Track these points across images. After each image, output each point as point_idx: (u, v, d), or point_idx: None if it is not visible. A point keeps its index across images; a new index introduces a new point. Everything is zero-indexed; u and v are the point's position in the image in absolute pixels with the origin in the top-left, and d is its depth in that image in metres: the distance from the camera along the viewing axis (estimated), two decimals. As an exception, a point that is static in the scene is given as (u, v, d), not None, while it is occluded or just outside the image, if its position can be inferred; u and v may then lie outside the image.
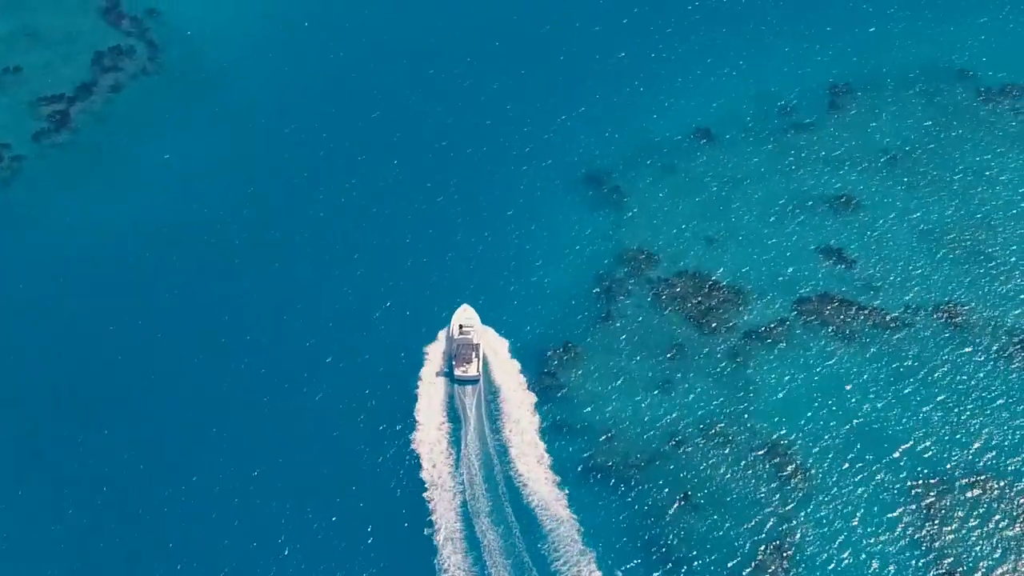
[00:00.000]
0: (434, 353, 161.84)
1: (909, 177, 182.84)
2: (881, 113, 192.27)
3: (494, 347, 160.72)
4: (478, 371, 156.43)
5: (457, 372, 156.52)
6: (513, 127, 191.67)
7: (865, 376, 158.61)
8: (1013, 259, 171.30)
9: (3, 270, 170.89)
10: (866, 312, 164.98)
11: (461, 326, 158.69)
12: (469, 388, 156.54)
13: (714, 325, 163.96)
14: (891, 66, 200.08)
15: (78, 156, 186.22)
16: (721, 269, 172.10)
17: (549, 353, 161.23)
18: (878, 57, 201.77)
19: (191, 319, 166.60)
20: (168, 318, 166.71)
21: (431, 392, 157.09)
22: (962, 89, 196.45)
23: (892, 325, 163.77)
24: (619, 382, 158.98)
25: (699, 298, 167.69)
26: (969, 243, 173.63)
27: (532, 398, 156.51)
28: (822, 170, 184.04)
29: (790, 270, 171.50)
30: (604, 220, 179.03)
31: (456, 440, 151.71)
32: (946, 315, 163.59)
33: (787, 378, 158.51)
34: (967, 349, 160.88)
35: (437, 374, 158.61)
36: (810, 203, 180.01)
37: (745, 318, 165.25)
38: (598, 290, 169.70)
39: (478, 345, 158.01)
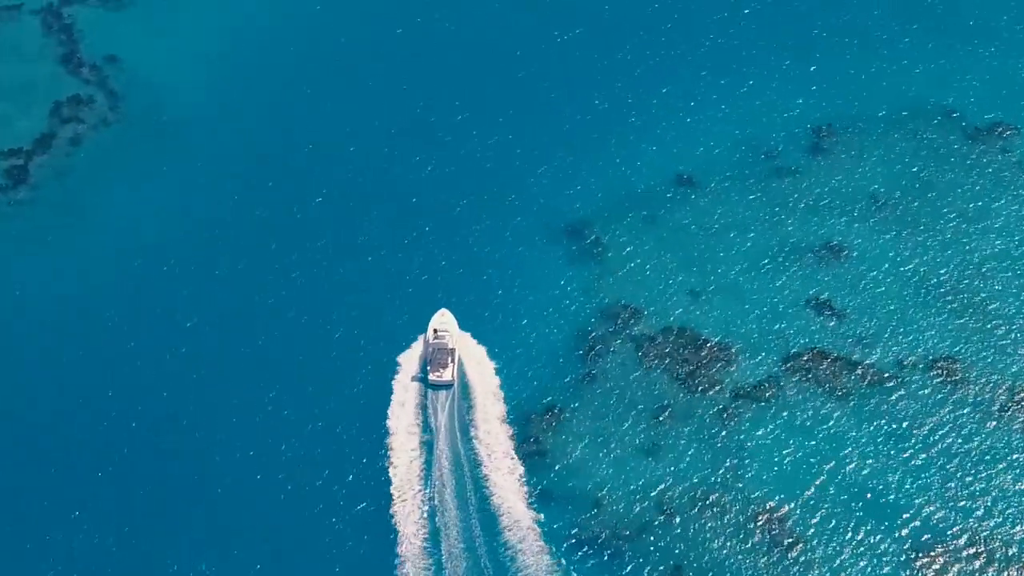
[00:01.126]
0: (410, 359, 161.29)
1: (898, 224, 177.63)
2: (867, 156, 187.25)
3: (471, 353, 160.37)
4: (453, 376, 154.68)
5: (431, 377, 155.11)
6: (490, 178, 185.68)
7: (861, 438, 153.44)
8: (1010, 310, 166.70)
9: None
10: (859, 369, 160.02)
11: (436, 330, 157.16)
12: (443, 393, 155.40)
13: (702, 385, 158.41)
14: (876, 107, 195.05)
15: (38, 214, 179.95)
16: (707, 324, 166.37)
17: (531, 417, 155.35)
18: (862, 98, 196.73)
19: (156, 376, 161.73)
20: (132, 375, 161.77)
21: (405, 397, 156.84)
22: (950, 130, 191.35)
23: (887, 383, 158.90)
24: (605, 447, 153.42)
25: (686, 356, 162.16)
26: (964, 294, 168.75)
27: (503, 410, 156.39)
28: (808, 218, 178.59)
29: (779, 325, 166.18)
30: (585, 274, 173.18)
31: (428, 445, 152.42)
32: (943, 371, 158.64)
33: (780, 441, 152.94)
34: (966, 408, 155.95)
35: (412, 379, 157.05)
36: (797, 253, 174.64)
37: (734, 377, 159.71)
38: (581, 349, 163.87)
39: (454, 350, 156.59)
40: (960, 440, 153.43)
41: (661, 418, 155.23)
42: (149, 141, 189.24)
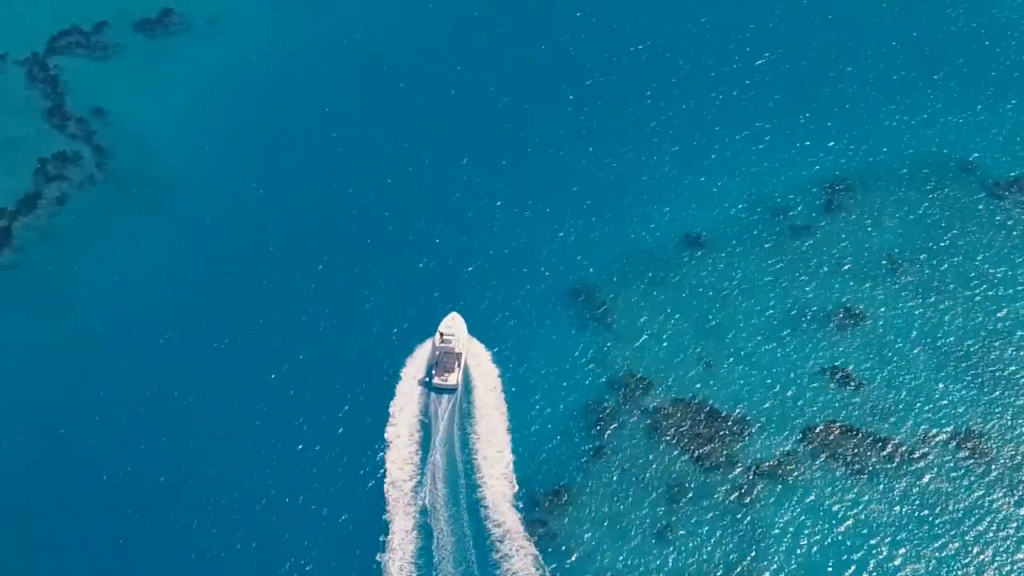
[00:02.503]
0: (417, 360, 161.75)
1: (915, 286, 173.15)
2: (882, 214, 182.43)
3: (477, 358, 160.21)
4: (457, 381, 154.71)
5: (435, 381, 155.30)
6: (497, 242, 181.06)
7: (890, 523, 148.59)
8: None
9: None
10: (878, 442, 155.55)
11: (443, 334, 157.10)
12: (445, 397, 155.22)
13: (718, 463, 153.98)
14: (893, 162, 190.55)
15: (22, 279, 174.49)
16: (722, 396, 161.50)
17: (537, 496, 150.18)
18: (879, 152, 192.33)
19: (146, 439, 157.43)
20: (119, 445, 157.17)
21: (408, 400, 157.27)
22: (967, 184, 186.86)
23: (913, 460, 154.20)
24: (617, 531, 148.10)
25: (700, 430, 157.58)
26: (985, 360, 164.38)
27: (504, 418, 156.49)
28: (825, 280, 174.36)
29: (797, 396, 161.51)
30: (595, 341, 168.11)
31: (424, 450, 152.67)
32: (965, 445, 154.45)
33: (804, 525, 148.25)
34: (990, 485, 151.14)
35: (418, 382, 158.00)
36: (814, 318, 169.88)
37: (752, 453, 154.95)
38: (591, 422, 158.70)
39: (460, 355, 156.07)
40: (984, 520, 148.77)
41: (676, 499, 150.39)
42: (137, 199, 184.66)
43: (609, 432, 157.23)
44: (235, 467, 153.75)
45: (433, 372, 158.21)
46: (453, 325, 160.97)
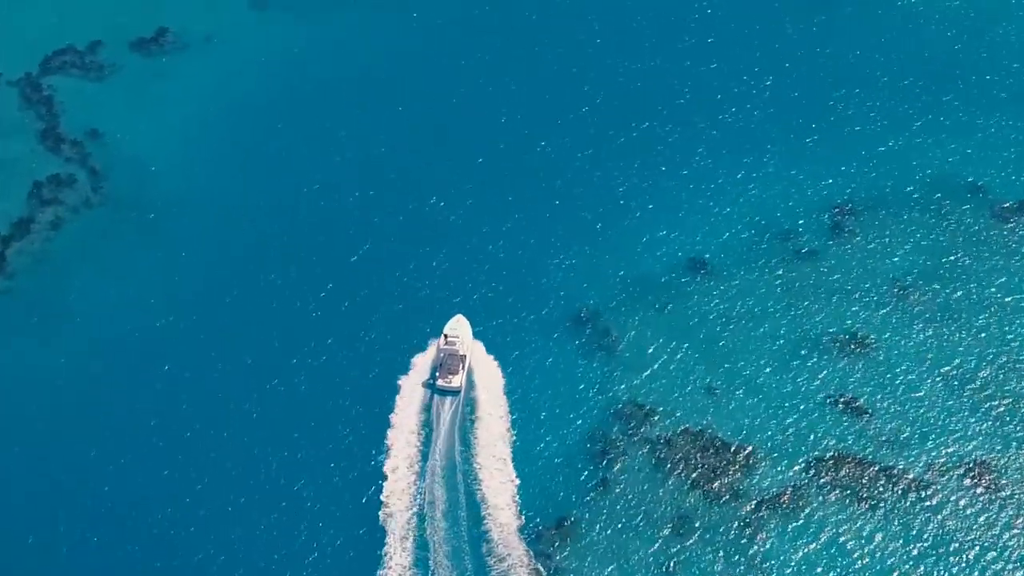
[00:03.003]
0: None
1: (923, 312, 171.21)
2: (888, 237, 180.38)
3: (481, 361, 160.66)
4: (461, 383, 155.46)
5: (439, 383, 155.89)
6: (501, 268, 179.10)
7: (891, 551, 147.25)
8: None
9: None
10: (889, 475, 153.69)
11: (447, 336, 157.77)
12: (448, 399, 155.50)
13: (721, 492, 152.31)
14: (898, 185, 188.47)
15: (15, 305, 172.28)
16: (727, 425, 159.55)
17: (540, 529, 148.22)
18: (884, 175, 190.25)
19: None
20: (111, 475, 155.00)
21: (410, 400, 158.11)
22: (974, 207, 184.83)
23: (919, 491, 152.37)
24: (619, 563, 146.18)
25: (705, 460, 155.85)
26: (999, 391, 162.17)
27: (508, 424, 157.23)
28: (828, 305, 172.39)
29: (801, 424, 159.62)
30: (597, 369, 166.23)
31: (425, 452, 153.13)
32: (979, 478, 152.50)
33: (808, 557, 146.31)
34: (1002, 519, 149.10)
35: (422, 384, 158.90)
36: (820, 345, 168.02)
37: (757, 484, 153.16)
38: (594, 453, 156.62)
39: (464, 357, 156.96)
40: (996, 555, 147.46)
41: (683, 533, 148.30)
42: (133, 223, 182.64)
43: (614, 463, 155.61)
44: (232, 485, 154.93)
45: (437, 374, 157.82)
46: (458, 327, 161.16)
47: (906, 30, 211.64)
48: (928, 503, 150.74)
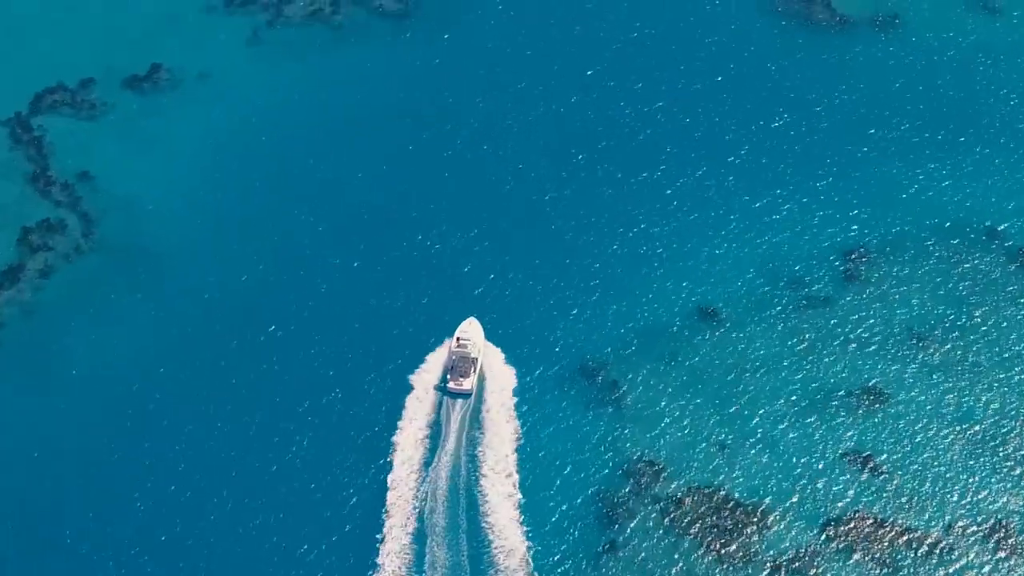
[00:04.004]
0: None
1: (940, 363, 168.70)
2: (903, 284, 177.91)
3: (492, 364, 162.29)
4: (472, 386, 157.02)
5: (450, 385, 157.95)
6: (504, 316, 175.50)
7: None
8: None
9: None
10: (905, 536, 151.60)
11: (459, 338, 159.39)
12: (459, 402, 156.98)
13: (736, 556, 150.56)
14: (914, 230, 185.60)
15: (5, 359, 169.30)
16: (740, 483, 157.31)
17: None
18: (897, 218, 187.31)
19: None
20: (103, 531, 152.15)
21: (421, 402, 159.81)
22: (991, 253, 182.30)
23: (937, 553, 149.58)
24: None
25: (717, 521, 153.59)
26: (1017, 446, 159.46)
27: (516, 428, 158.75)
28: (841, 355, 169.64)
29: (816, 482, 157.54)
30: (606, 424, 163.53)
31: (431, 453, 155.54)
32: (1003, 542, 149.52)
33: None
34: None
35: (434, 386, 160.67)
36: (833, 398, 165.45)
37: (771, 546, 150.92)
38: (602, 513, 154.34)
39: (476, 360, 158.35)
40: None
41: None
42: (126, 271, 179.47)
43: (624, 524, 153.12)
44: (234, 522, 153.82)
45: (448, 376, 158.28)
46: (470, 330, 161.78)
47: (921, 69, 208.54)
48: (949, 567, 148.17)
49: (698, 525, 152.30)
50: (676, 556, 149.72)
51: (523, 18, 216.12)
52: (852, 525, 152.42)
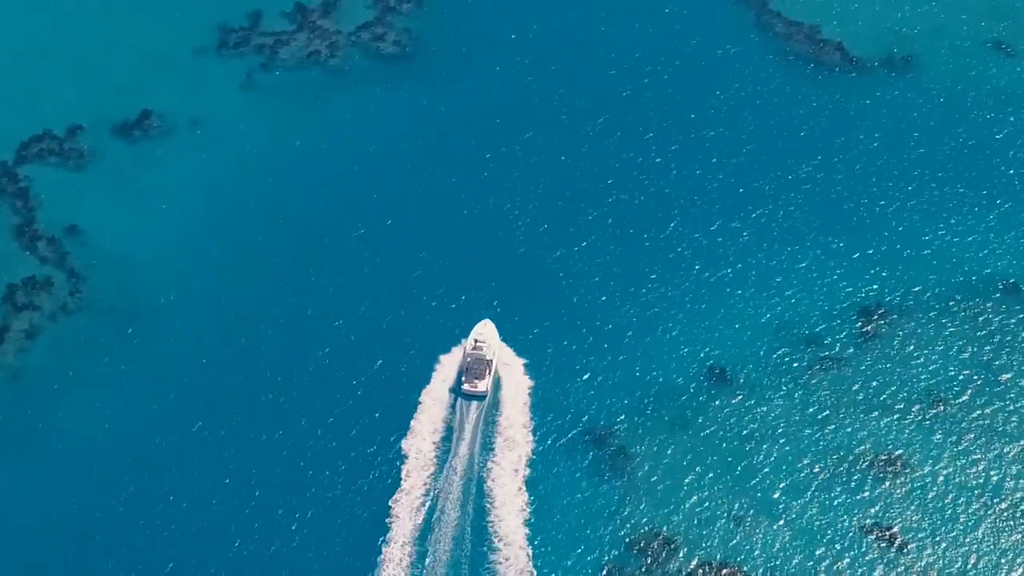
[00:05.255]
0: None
1: (962, 429, 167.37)
2: (921, 344, 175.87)
3: (508, 365, 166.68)
4: (487, 388, 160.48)
5: (465, 387, 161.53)
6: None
7: None
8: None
9: None
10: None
11: (476, 340, 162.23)
12: (474, 404, 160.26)
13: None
14: (932, 284, 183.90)
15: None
16: (752, 558, 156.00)
17: None
18: (917, 275, 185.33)
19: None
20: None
21: (435, 404, 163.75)
22: (1012, 310, 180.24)
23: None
24: None
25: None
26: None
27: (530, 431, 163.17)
28: (858, 420, 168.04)
29: (834, 558, 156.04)
30: (612, 495, 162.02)
31: (444, 454, 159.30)
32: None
33: None
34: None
35: (449, 388, 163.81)
36: (850, 466, 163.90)
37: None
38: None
39: (491, 362, 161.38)
40: None
41: None
42: (116, 333, 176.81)
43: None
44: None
45: (463, 379, 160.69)
46: (485, 332, 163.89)
47: (940, 116, 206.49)
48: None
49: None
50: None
51: (529, 63, 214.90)
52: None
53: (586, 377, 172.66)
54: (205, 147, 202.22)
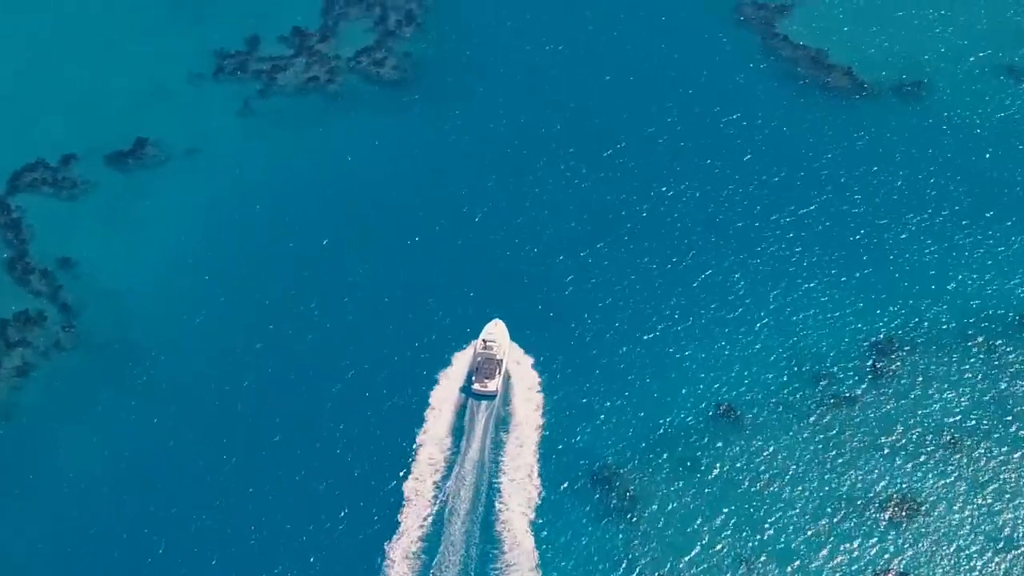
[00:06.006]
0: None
1: (976, 470, 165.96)
2: (933, 380, 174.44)
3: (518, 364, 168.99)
4: (497, 388, 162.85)
5: (475, 387, 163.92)
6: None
7: None
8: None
9: None
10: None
11: (485, 340, 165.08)
12: (484, 404, 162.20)
13: None
14: (947, 320, 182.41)
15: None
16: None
17: None
18: (935, 312, 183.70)
19: None
20: None
21: (446, 403, 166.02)
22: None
23: None
24: None
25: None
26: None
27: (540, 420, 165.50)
28: (870, 461, 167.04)
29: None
30: (617, 539, 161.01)
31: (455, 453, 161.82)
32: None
33: None
34: None
35: (459, 388, 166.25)
36: (861, 508, 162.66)
37: None
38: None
39: (501, 361, 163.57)
40: None
41: None
42: (111, 370, 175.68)
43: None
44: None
45: (473, 378, 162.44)
46: (495, 331, 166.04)
47: (955, 145, 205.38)
48: None
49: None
50: None
51: (533, 89, 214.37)
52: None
53: (595, 418, 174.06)
54: (202, 175, 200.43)
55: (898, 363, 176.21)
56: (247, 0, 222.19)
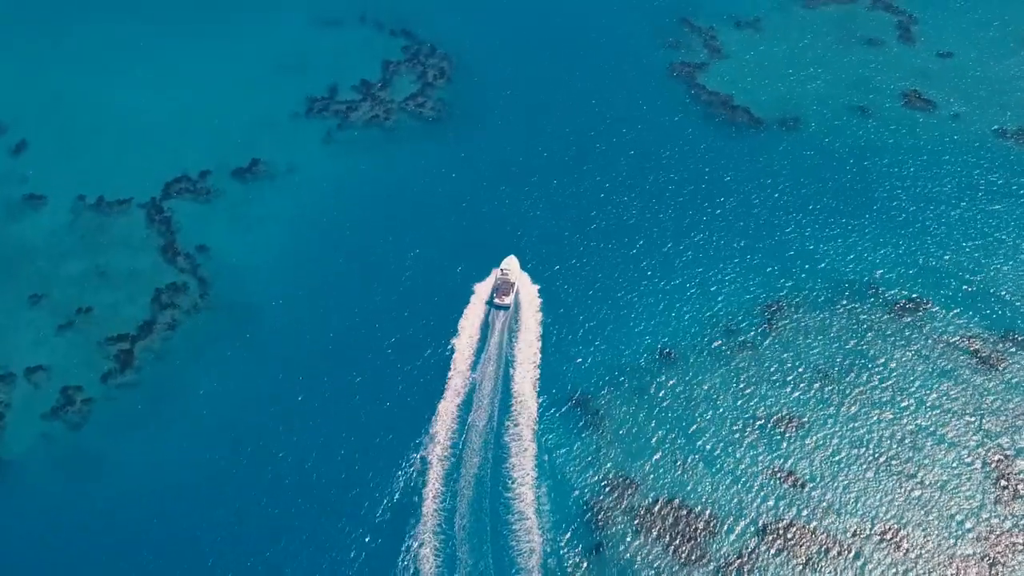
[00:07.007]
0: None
1: (842, 395, 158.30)
2: (811, 332, 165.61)
3: (526, 288, 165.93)
4: (511, 302, 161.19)
5: (496, 300, 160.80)
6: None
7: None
8: (942, 480, 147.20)
9: (78, 519, 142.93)
10: (824, 539, 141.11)
11: (503, 268, 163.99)
12: (502, 313, 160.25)
13: (692, 556, 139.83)
14: (815, 288, 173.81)
15: (141, 396, 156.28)
16: (693, 495, 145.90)
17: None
18: (804, 280, 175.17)
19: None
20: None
21: (475, 312, 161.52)
22: (874, 306, 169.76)
23: (846, 555, 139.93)
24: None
25: (677, 526, 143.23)
26: (916, 462, 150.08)
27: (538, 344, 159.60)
28: (768, 390, 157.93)
29: (753, 494, 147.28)
30: (589, 445, 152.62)
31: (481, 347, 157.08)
32: (891, 540, 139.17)
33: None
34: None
35: (484, 302, 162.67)
36: (761, 424, 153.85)
37: (719, 548, 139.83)
38: (588, 520, 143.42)
39: (514, 283, 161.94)
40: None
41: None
42: (233, 325, 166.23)
43: (605, 529, 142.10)
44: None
45: (495, 295, 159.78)
46: (510, 263, 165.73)
47: (823, 162, 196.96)
48: (856, 565, 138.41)
49: (663, 531, 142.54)
50: (649, 556, 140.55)
51: (532, 124, 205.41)
52: (783, 531, 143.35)
53: (573, 357, 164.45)
54: (298, 186, 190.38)
55: (785, 320, 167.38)
56: (329, 61, 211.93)
